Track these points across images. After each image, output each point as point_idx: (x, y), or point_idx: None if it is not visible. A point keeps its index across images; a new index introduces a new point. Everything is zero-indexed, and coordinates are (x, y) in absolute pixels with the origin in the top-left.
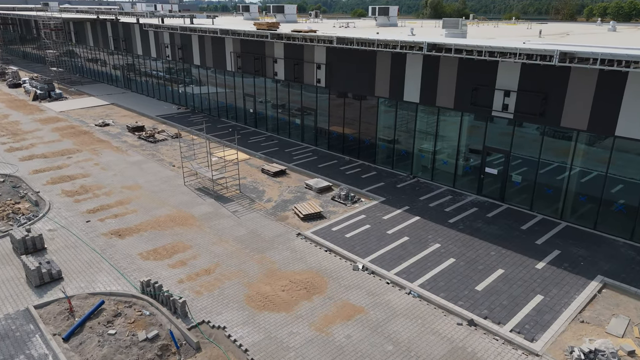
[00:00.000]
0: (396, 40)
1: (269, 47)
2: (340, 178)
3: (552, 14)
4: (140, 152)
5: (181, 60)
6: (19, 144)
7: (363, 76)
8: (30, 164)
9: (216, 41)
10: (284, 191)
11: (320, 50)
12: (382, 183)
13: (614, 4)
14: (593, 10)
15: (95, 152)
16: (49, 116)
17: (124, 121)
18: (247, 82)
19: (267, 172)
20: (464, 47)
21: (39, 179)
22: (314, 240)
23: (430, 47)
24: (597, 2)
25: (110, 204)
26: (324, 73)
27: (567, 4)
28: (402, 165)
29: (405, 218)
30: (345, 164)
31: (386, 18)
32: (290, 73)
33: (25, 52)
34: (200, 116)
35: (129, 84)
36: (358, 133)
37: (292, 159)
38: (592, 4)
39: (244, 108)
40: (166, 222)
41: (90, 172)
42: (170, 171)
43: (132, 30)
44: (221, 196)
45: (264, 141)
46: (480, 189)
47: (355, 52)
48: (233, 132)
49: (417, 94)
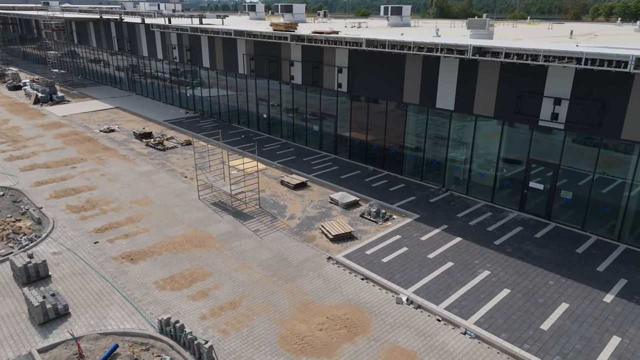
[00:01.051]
0: (435, 43)
1: (285, 49)
2: (367, 191)
3: (555, 13)
4: (149, 161)
5: (189, 62)
6: (19, 152)
7: (390, 81)
8: (32, 174)
9: (227, 43)
10: (307, 206)
11: (341, 53)
12: (413, 197)
13: (620, 4)
14: (599, 9)
15: (101, 161)
16: (51, 121)
17: (130, 126)
18: (260, 86)
19: (287, 184)
20: (516, 51)
21: (42, 192)
22: (348, 266)
23: (476, 50)
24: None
25: (120, 222)
26: (345, 77)
27: (576, 4)
28: (432, 177)
29: (446, 239)
30: (369, 174)
31: (399, 18)
32: (309, 77)
33: (25, 52)
34: (209, 121)
35: (134, 87)
36: (383, 141)
37: (312, 169)
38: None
39: (256, 113)
40: (182, 244)
41: (96, 184)
42: (183, 183)
43: (137, 30)
44: (240, 212)
45: (279, 149)
46: (523, 204)
47: (381, 55)
48: (246, 139)
49: (451, 100)
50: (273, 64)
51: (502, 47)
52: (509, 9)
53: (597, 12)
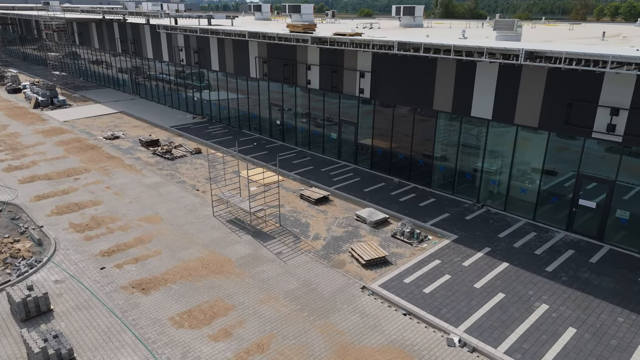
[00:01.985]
0: (480, 46)
1: (302, 51)
2: (395, 207)
3: (558, 13)
4: (157, 171)
5: (197, 65)
6: (18, 161)
7: (418, 86)
8: (32, 187)
9: (239, 45)
10: (332, 224)
11: (364, 57)
12: (447, 214)
13: (626, 4)
14: (604, 10)
15: (105, 171)
16: (52, 127)
17: (135, 133)
18: (273, 91)
19: (308, 198)
20: (571, 55)
21: (42, 208)
22: (386, 298)
23: (527, 55)
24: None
25: (128, 243)
26: (368, 82)
27: (585, 4)
28: (464, 191)
29: (491, 264)
30: (395, 187)
31: (411, 18)
32: (327, 81)
33: (25, 53)
34: (218, 127)
35: (138, 90)
36: (410, 151)
37: (333, 181)
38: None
39: (269, 119)
40: (198, 269)
41: (101, 199)
42: (195, 197)
43: (142, 31)
44: (259, 231)
45: (295, 158)
46: (570, 224)
47: (408, 58)
48: (259, 147)
49: (489, 108)
50: (288, 68)
51: (561, 52)
52: (510, 9)
53: (602, 12)
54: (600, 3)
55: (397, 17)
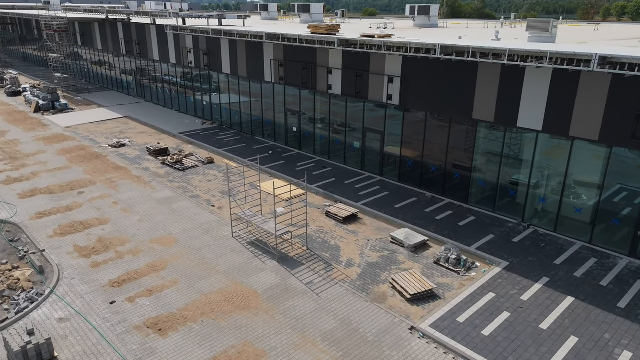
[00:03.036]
0: (542, 51)
1: (322, 54)
2: (432, 226)
3: (561, 13)
4: (168, 184)
5: (207, 67)
6: (18, 172)
7: (456, 93)
8: (32, 202)
9: (252, 47)
10: (365, 248)
11: (393, 60)
12: (491, 235)
13: (633, 4)
14: (610, 9)
15: (112, 184)
16: (53, 133)
17: (142, 140)
18: (290, 95)
19: (335, 216)
20: None
21: (44, 227)
22: (441, 342)
23: (601, 60)
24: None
25: (140, 270)
26: (397, 88)
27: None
28: (507, 208)
29: (554, 299)
30: (428, 203)
31: (426, 18)
32: (350, 86)
33: (26, 54)
34: (230, 133)
35: (143, 93)
36: (444, 163)
37: (359, 196)
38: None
39: (285, 125)
40: (221, 304)
41: (108, 216)
42: (210, 214)
43: (148, 31)
44: (285, 256)
45: (314, 168)
46: (634, 249)
47: (444, 63)
48: (275, 156)
49: (539, 119)
50: (307, 71)
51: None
52: (513, 9)
53: (608, 12)
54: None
55: (412, 16)
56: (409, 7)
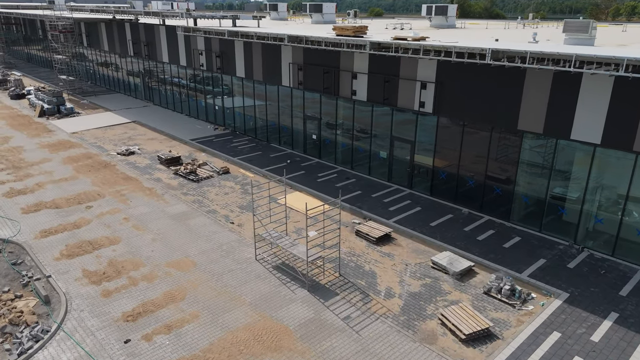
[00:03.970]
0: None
1: (346, 58)
2: (475, 248)
3: (567, 13)
4: (182, 197)
5: (219, 70)
6: (22, 183)
7: (498, 101)
8: (37, 218)
9: (269, 49)
10: (404, 274)
11: (426, 65)
12: (543, 260)
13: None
14: (620, 9)
15: (122, 197)
16: (59, 139)
17: (152, 147)
18: (309, 101)
19: (366, 236)
20: None
21: (50, 248)
22: None
23: None
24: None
25: (157, 301)
26: (431, 94)
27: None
28: (555, 227)
29: (629, 340)
30: (465, 220)
31: (443, 18)
32: (377, 92)
33: (30, 54)
34: (244, 140)
35: (151, 96)
36: (483, 177)
37: (389, 212)
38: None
39: (303, 133)
40: (249, 344)
41: (119, 234)
42: (230, 232)
43: (157, 32)
44: (316, 284)
45: (336, 179)
46: None
47: (484, 68)
48: (293, 165)
49: (597, 131)
50: (328, 76)
51: None
52: (518, 9)
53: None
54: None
55: (428, 17)
56: (426, 7)
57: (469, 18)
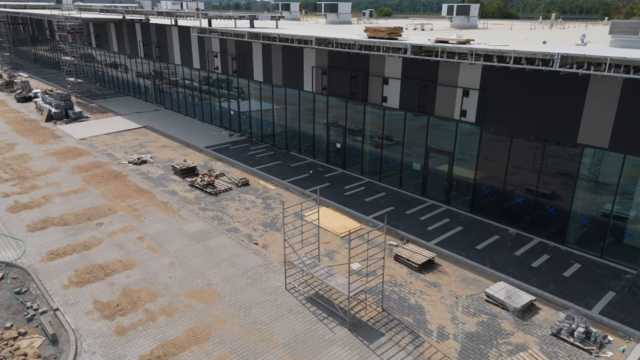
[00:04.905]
0: None
1: (377, 61)
2: (532, 278)
3: (577, 12)
4: (200, 213)
5: (235, 73)
6: (27, 196)
7: (554, 112)
8: (44, 237)
9: (290, 52)
10: (456, 309)
11: (469, 70)
12: (611, 293)
13: None
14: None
15: (135, 212)
16: (67, 146)
17: (165, 155)
18: (334, 107)
19: (408, 262)
20: None
21: (57, 273)
22: None
23: None
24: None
25: (178, 341)
26: (474, 102)
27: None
28: (618, 253)
29: None
30: (515, 242)
31: (465, 19)
32: (412, 99)
33: (37, 55)
34: (262, 147)
35: (162, 99)
36: (534, 194)
37: (427, 232)
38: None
39: (326, 141)
40: None
41: (133, 257)
42: (254, 254)
43: (169, 33)
44: (357, 320)
45: (365, 192)
46: None
47: (537, 75)
48: (316, 176)
49: None
50: (356, 81)
51: None
52: (526, 9)
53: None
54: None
55: (449, 17)
56: (446, 6)
57: (483, 18)
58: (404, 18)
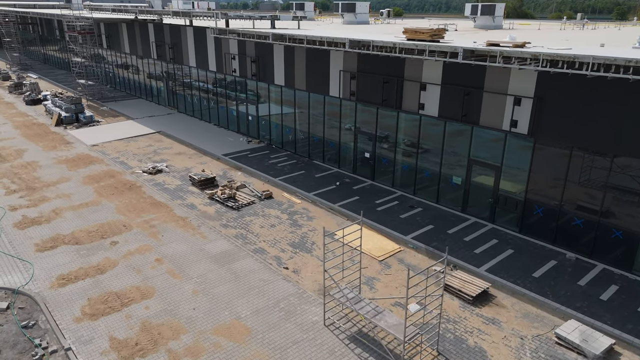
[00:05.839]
0: None
1: (413, 66)
2: (604, 314)
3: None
4: (222, 230)
5: (255, 77)
6: (36, 209)
7: (626, 123)
8: (54, 258)
9: (315, 54)
10: (523, 354)
11: (523, 76)
12: None
13: None
14: None
15: (151, 229)
16: (77, 153)
17: (181, 163)
18: (363, 113)
19: (460, 294)
20: None
21: (69, 302)
22: None
23: None
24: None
25: None
26: (527, 112)
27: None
28: None
29: None
30: (575, 269)
31: (490, 19)
32: (453, 107)
33: (46, 55)
34: (282, 155)
35: (176, 102)
36: (597, 215)
37: (476, 255)
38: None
39: (353, 149)
40: None
41: (152, 283)
42: (285, 280)
43: (183, 34)
44: None
45: (399, 207)
46: None
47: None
48: (344, 188)
49: None
50: (389, 86)
51: None
52: (537, 8)
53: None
54: None
55: (472, 17)
56: (470, 6)
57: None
58: (419, 18)
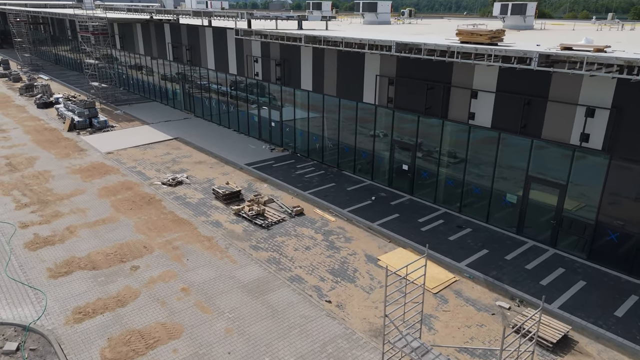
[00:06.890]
0: None
1: (463, 71)
2: None
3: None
4: (252, 253)
5: (279, 81)
6: (49, 227)
7: None
8: (68, 287)
9: (347, 57)
10: None
11: (597, 84)
12: None
13: None
14: None
15: (175, 251)
16: (92, 162)
17: (201, 174)
18: (401, 122)
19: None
20: None
21: (86, 343)
22: None
23: None
24: None
25: None
26: (602, 124)
27: None
28: None
29: None
30: None
31: (521, 18)
32: (510, 117)
33: (58, 56)
34: (309, 165)
35: (192, 106)
36: None
37: (542, 287)
38: None
39: (389, 161)
40: None
41: (179, 319)
42: (329, 317)
43: (201, 35)
44: None
45: (445, 227)
46: None
47: None
48: (381, 204)
49: None
50: (434, 93)
51: None
52: (550, 7)
53: None
54: None
55: (502, 16)
56: (500, 5)
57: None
58: (438, 18)
